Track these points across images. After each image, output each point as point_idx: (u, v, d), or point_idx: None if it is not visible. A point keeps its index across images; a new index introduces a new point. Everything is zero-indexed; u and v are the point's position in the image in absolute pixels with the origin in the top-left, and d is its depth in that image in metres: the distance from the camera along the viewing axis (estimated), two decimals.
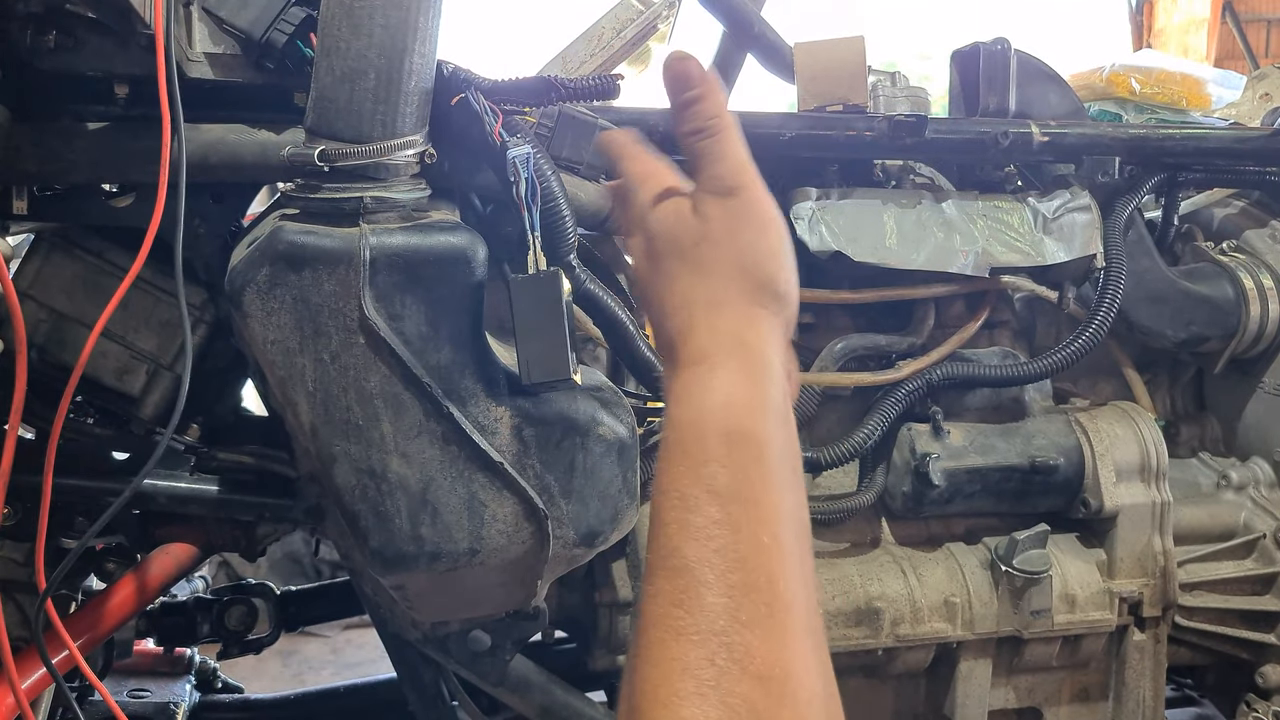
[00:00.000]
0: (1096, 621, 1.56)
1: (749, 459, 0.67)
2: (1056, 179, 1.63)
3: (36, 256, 1.29)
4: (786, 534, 0.64)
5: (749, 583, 0.61)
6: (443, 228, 1.08)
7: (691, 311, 0.76)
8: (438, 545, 1.11)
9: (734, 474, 0.66)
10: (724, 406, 0.69)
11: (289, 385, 1.06)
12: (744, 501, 0.64)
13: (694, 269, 0.77)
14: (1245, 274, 1.72)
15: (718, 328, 0.74)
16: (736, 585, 0.60)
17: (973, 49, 1.64)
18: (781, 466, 0.68)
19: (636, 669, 0.60)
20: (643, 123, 1.40)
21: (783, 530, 0.64)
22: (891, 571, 1.54)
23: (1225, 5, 7.24)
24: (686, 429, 0.69)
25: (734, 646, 0.58)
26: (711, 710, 0.56)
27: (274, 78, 1.16)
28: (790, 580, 0.62)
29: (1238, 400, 1.79)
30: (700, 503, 0.64)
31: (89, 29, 1.12)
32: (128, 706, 1.72)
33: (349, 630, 3.21)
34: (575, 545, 1.15)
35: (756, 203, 0.80)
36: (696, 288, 0.76)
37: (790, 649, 0.59)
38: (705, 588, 0.60)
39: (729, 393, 0.70)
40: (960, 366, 1.54)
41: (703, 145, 0.80)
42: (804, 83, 1.55)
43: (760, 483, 0.66)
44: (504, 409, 1.10)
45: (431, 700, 1.46)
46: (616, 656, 1.50)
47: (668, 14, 1.63)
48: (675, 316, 0.77)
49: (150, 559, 1.42)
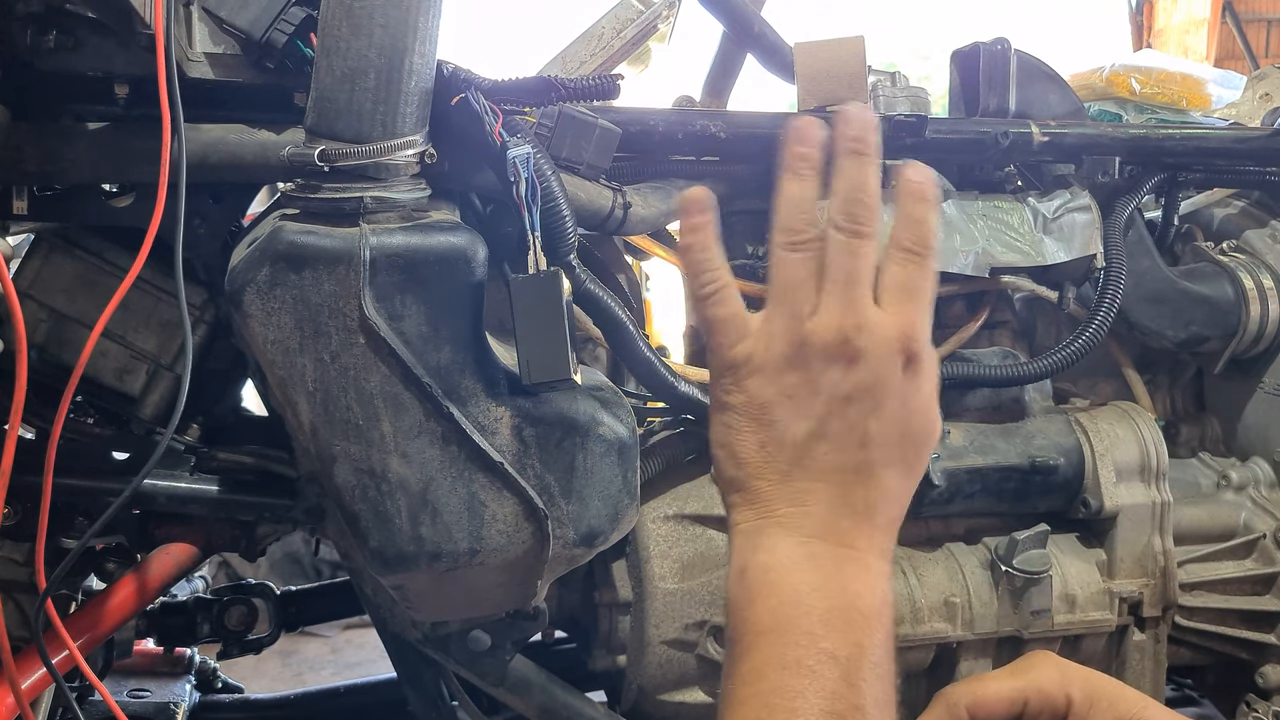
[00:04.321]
0: (1096, 621, 1.56)
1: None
2: (1056, 179, 1.63)
3: (36, 256, 1.29)
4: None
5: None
6: (443, 228, 1.08)
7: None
8: (438, 545, 1.11)
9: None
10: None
11: (289, 385, 1.06)
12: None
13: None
14: (1245, 274, 1.71)
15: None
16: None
17: (973, 49, 1.64)
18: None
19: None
20: (643, 122, 1.41)
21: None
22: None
23: (1225, 5, 7.24)
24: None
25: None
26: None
27: (274, 78, 1.17)
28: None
29: (1238, 400, 1.79)
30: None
31: (89, 29, 1.12)
32: (128, 706, 1.72)
33: (349, 630, 3.21)
34: (575, 545, 1.15)
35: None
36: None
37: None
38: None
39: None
40: (960, 366, 1.54)
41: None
42: (804, 83, 1.55)
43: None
44: (504, 409, 1.10)
45: (431, 700, 1.46)
46: (616, 656, 1.50)
47: (668, 14, 1.63)
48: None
49: (150, 559, 1.41)
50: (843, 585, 0.70)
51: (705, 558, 1.45)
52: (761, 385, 0.74)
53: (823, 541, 0.72)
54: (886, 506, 0.75)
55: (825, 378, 0.73)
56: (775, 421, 0.74)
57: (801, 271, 0.76)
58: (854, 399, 0.73)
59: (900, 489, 0.76)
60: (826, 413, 0.73)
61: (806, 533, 0.72)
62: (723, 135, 1.43)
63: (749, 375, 0.75)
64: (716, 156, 1.49)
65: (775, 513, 0.73)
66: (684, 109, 1.66)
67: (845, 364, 0.73)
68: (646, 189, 1.40)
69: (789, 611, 0.69)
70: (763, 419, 0.74)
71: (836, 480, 0.73)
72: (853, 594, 0.70)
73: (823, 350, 0.73)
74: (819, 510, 0.73)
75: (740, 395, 0.75)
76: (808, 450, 0.73)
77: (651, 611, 1.42)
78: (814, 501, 0.73)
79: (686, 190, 0.81)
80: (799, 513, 0.73)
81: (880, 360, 0.73)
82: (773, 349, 0.74)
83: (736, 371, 0.75)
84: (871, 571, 0.72)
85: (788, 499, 0.73)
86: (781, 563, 0.71)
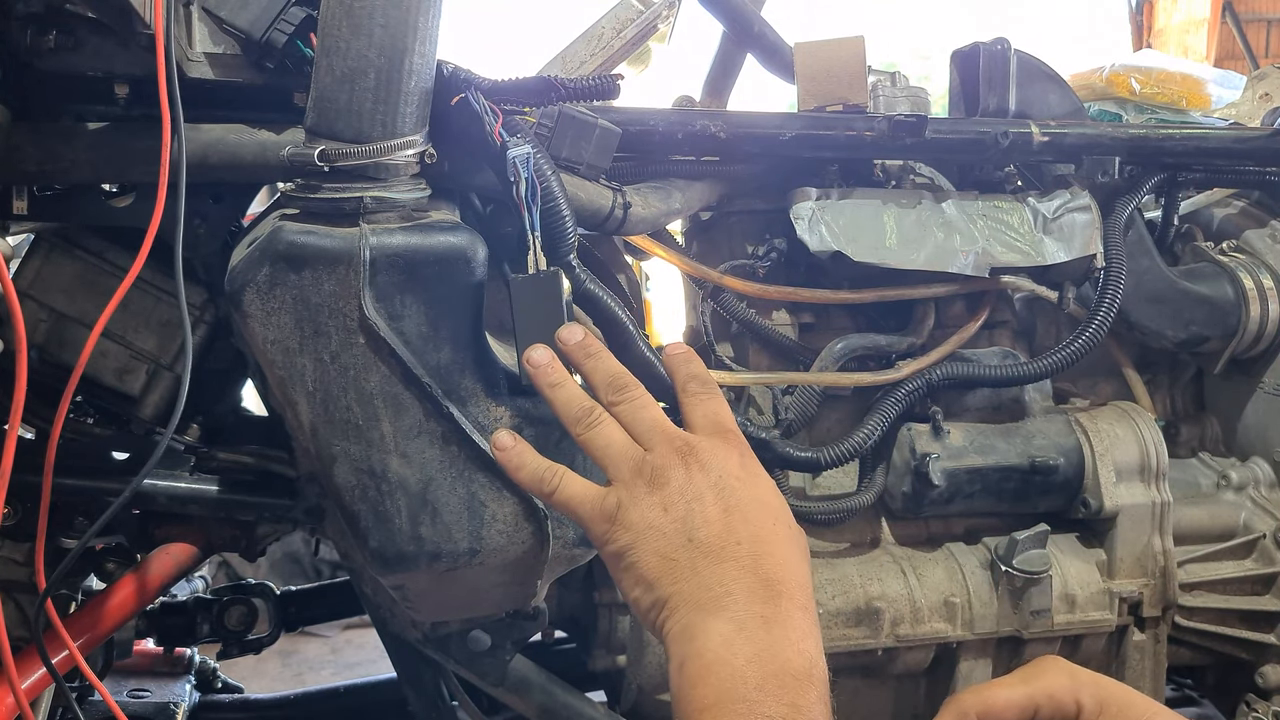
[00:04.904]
0: (1096, 622, 1.56)
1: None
2: (1056, 179, 1.63)
3: (36, 256, 1.29)
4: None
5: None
6: (443, 228, 1.08)
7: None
8: (438, 545, 1.11)
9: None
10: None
11: (289, 385, 1.06)
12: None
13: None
14: (1245, 274, 1.72)
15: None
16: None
17: (973, 49, 1.64)
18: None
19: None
20: (643, 122, 1.41)
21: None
22: (891, 571, 1.54)
23: (1225, 5, 7.24)
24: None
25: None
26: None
27: (274, 78, 1.16)
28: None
29: (1238, 400, 1.79)
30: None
31: (89, 29, 1.12)
32: (128, 706, 1.72)
33: (349, 630, 3.21)
34: (575, 545, 1.15)
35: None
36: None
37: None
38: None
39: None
40: (960, 366, 1.54)
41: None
42: (804, 83, 1.55)
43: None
44: (504, 409, 1.10)
45: (431, 700, 1.46)
46: (616, 656, 1.50)
47: (668, 14, 1.63)
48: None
49: (150, 559, 1.41)
50: (773, 651, 0.76)
51: None
52: (638, 515, 0.84)
53: (748, 612, 0.78)
54: (794, 568, 0.83)
55: (681, 487, 0.84)
56: (663, 532, 0.83)
57: (615, 433, 0.89)
58: (708, 489, 0.84)
59: (793, 551, 0.84)
60: (697, 508, 0.84)
61: (732, 610, 0.79)
62: (723, 135, 1.43)
63: (623, 515, 0.85)
64: (716, 156, 1.49)
65: (699, 603, 0.80)
66: (684, 109, 1.66)
67: (687, 470, 0.85)
68: (646, 189, 1.40)
69: (727, 685, 0.75)
70: (650, 538, 0.83)
71: (737, 555, 0.81)
72: (783, 659, 0.76)
73: (667, 467, 0.85)
74: (737, 586, 0.80)
75: (625, 533, 0.84)
76: (699, 541, 0.82)
77: None
78: (729, 579, 0.80)
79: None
80: (720, 593, 0.80)
81: (712, 454, 0.86)
82: (633, 488, 0.85)
83: (612, 520, 0.85)
84: (798, 631, 0.79)
85: (705, 587, 0.80)
86: (714, 643, 0.77)
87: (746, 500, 0.85)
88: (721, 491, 0.84)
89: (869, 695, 1.59)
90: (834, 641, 1.46)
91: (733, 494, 0.84)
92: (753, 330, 1.56)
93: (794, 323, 1.59)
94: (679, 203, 1.44)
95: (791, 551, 0.84)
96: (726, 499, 0.84)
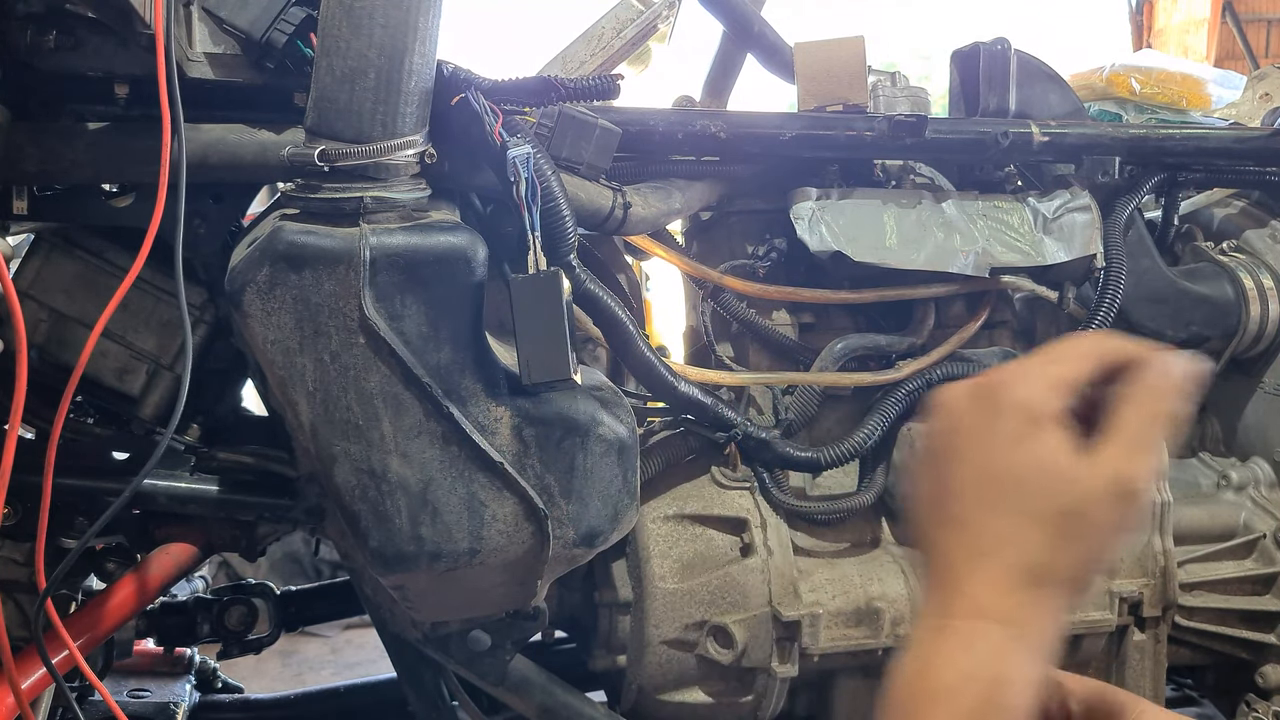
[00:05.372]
0: (1096, 622, 1.56)
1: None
2: (1056, 179, 1.63)
3: (36, 256, 1.29)
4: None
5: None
6: (443, 228, 1.08)
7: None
8: (438, 545, 1.11)
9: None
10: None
11: (289, 385, 1.06)
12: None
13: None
14: (1245, 274, 1.72)
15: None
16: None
17: (973, 49, 1.64)
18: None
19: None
20: (643, 122, 1.41)
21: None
22: (891, 571, 1.54)
23: (1225, 5, 7.24)
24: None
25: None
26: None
27: (274, 78, 1.17)
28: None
29: (1238, 400, 1.79)
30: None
31: (89, 29, 1.12)
32: (128, 706, 1.72)
33: (349, 630, 3.21)
34: (575, 545, 1.15)
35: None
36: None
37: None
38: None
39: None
40: (960, 366, 1.54)
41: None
42: (804, 83, 1.55)
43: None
44: (504, 409, 1.10)
45: (431, 700, 1.46)
46: (616, 656, 1.50)
47: (668, 14, 1.63)
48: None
49: (150, 559, 1.41)
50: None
51: (705, 558, 1.45)
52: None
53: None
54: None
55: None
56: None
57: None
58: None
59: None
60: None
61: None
62: (723, 135, 1.43)
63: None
64: (716, 156, 1.49)
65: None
66: (684, 109, 1.66)
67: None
68: (646, 189, 1.40)
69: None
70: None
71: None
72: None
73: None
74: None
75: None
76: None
77: (651, 611, 1.42)
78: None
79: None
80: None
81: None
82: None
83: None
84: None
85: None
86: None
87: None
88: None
89: (869, 695, 1.59)
90: (834, 642, 1.46)
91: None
92: (753, 330, 1.56)
93: (794, 323, 1.59)
94: (679, 203, 1.44)
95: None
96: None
